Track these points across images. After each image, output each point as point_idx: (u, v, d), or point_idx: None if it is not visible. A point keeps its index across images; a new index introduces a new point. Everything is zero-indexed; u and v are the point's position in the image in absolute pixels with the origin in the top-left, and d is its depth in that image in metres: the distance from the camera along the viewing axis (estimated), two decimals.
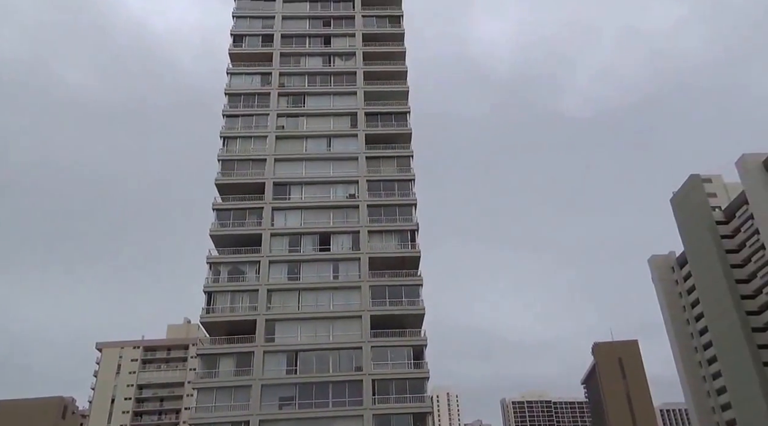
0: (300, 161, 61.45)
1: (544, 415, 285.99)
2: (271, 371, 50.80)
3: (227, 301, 54.15)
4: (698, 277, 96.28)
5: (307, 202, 58.95)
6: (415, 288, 55.17)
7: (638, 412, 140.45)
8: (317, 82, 66.73)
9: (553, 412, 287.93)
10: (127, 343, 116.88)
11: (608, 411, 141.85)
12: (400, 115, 64.93)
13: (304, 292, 54.54)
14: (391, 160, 61.98)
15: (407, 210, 58.94)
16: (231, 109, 64.38)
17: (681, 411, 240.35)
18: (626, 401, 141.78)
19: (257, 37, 69.77)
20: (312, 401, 49.62)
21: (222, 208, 58.53)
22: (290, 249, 56.57)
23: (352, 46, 69.15)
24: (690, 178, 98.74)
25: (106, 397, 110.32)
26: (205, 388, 50.23)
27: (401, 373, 50.95)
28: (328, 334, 52.69)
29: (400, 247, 57.05)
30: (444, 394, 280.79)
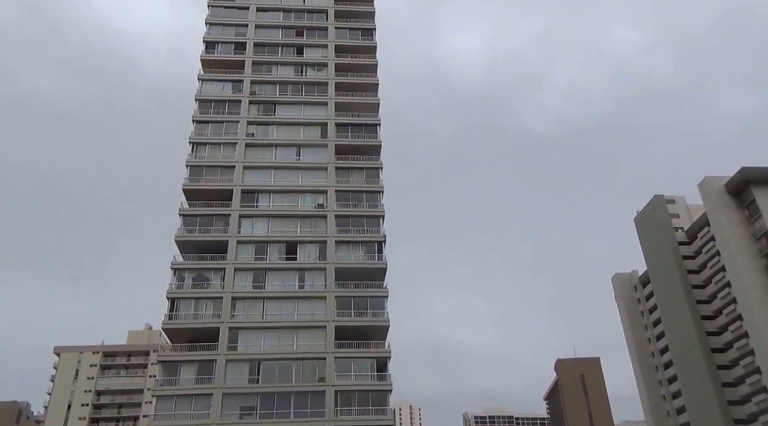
0: (269, 169, 61.35)
1: None
2: (232, 380, 50.21)
3: (191, 308, 53.48)
4: (660, 297, 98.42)
5: (275, 210, 58.80)
6: (380, 299, 55.32)
7: None
8: (288, 92, 66.90)
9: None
10: (86, 348, 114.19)
11: None
12: (371, 126, 65.45)
13: (269, 300, 54.20)
14: (361, 171, 62.33)
15: (375, 221, 59.25)
16: (201, 115, 64.04)
17: None
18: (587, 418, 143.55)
19: (230, 44, 69.74)
20: (273, 411, 49.15)
21: (189, 214, 57.98)
22: (256, 257, 56.27)
23: (325, 56, 69.63)
24: (654, 198, 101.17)
25: (62, 402, 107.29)
26: (164, 395, 49.38)
27: (364, 384, 50.87)
28: (292, 343, 52.40)
29: (366, 258, 57.22)
30: (406, 407, 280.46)
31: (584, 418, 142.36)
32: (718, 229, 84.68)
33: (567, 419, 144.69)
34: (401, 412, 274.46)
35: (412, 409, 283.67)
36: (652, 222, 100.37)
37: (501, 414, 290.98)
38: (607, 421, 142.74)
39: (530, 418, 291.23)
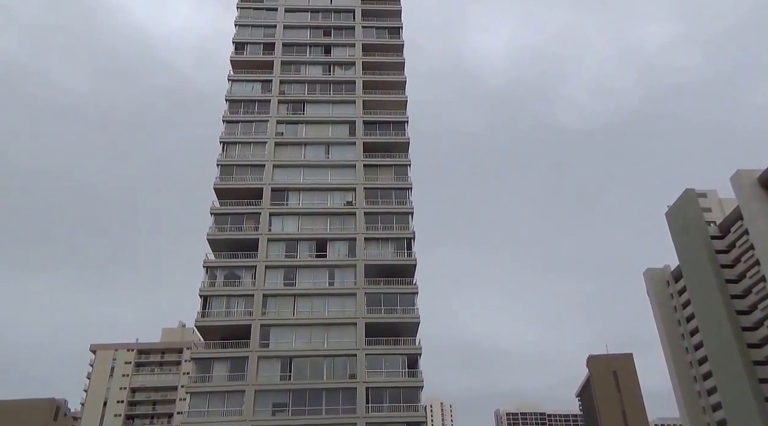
0: (298, 168, 61.89)
1: None
2: (265, 377, 50.83)
3: (223, 306, 54.28)
4: (693, 292, 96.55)
5: (305, 208, 59.30)
6: (410, 296, 55.38)
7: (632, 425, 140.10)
8: (317, 91, 67.35)
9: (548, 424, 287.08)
10: (121, 345, 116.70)
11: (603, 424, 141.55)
12: (398, 124, 65.51)
13: (300, 297, 54.72)
14: (389, 168, 62.45)
15: (404, 218, 59.32)
16: (231, 115, 64.90)
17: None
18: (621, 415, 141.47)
19: (258, 45, 70.51)
20: (305, 408, 49.59)
21: (220, 213, 58.83)
22: (287, 254, 56.82)
23: (352, 55, 69.91)
24: (685, 192, 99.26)
25: (98, 399, 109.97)
26: (198, 392, 50.23)
27: (395, 381, 51.00)
28: (322, 340, 52.78)
29: (396, 255, 57.33)
30: (437, 404, 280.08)
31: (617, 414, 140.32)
32: (752, 223, 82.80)
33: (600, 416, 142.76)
34: (432, 409, 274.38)
35: (443, 406, 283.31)
36: (684, 216, 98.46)
37: (533, 411, 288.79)
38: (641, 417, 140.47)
39: (562, 415, 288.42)
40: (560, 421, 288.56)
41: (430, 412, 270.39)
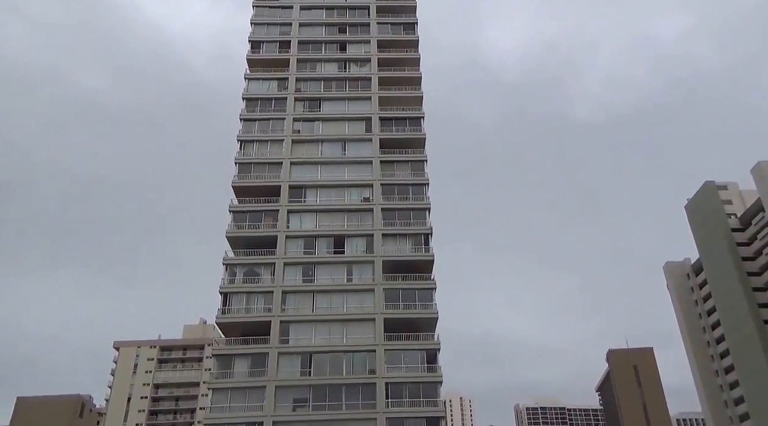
0: (315, 165, 62.25)
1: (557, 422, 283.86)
2: (285, 372, 51.36)
3: (243, 302, 54.89)
4: (714, 285, 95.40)
5: (322, 205, 59.67)
6: (428, 291, 55.53)
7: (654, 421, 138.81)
8: (333, 88, 67.58)
9: (567, 418, 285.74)
10: (143, 342, 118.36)
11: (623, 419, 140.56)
12: (414, 120, 65.52)
13: (319, 294, 55.14)
14: (406, 164, 62.55)
15: (421, 214, 59.42)
16: (248, 114, 65.41)
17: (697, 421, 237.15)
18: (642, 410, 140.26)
19: (274, 43, 70.89)
20: (325, 403, 50.02)
21: (238, 210, 59.44)
22: (305, 251, 57.26)
23: (367, 52, 70.01)
24: (704, 184, 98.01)
25: (122, 395, 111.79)
26: (220, 388, 50.93)
27: (414, 376, 51.22)
28: (341, 336, 53.15)
29: (413, 250, 57.49)
30: (457, 399, 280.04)
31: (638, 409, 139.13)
32: None
33: (620, 410, 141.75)
34: (452, 404, 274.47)
35: (462, 401, 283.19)
36: (704, 209, 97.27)
37: (552, 405, 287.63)
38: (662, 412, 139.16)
39: (582, 409, 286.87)
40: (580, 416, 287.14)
41: (449, 407, 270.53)
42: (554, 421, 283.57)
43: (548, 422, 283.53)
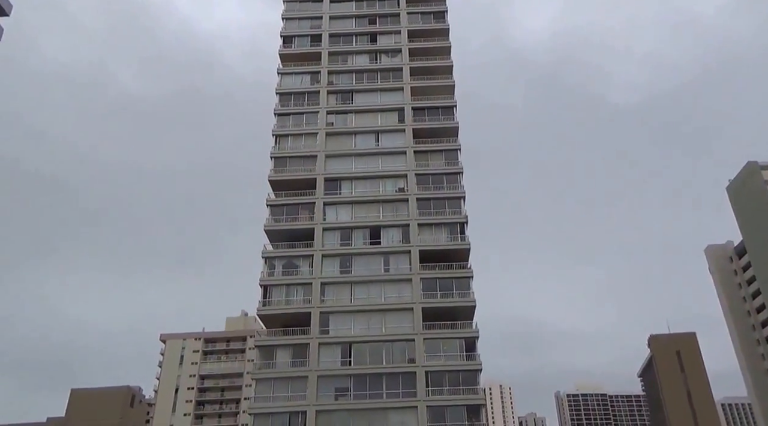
0: (349, 157, 62.73)
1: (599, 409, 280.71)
2: (326, 363, 52.22)
3: (282, 294, 55.90)
4: (758, 267, 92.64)
5: (358, 196, 60.16)
6: (465, 280, 55.59)
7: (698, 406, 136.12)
8: (365, 79, 67.83)
9: (609, 405, 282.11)
10: (188, 335, 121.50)
11: (667, 405, 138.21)
12: (447, 109, 65.32)
13: (357, 284, 55.76)
14: (439, 153, 62.51)
15: (456, 203, 59.40)
16: (282, 108, 66.23)
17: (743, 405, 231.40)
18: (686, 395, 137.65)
19: (306, 37, 71.42)
20: (366, 392, 50.69)
21: (275, 204, 60.42)
22: (342, 243, 57.91)
23: (398, 42, 69.95)
24: (747, 165, 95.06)
25: (170, 386, 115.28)
26: (263, 378, 52.09)
27: (454, 365, 51.46)
28: (380, 326, 53.73)
29: (449, 239, 57.57)
30: (497, 387, 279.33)
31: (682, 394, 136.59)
32: None
33: (663, 396, 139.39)
34: (492, 392, 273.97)
35: (502, 388, 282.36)
36: (747, 190, 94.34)
37: (594, 392, 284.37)
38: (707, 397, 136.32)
39: (624, 395, 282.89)
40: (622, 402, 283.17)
41: (489, 395, 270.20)
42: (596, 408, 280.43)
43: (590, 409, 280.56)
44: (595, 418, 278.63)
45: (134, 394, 69.57)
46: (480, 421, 49.87)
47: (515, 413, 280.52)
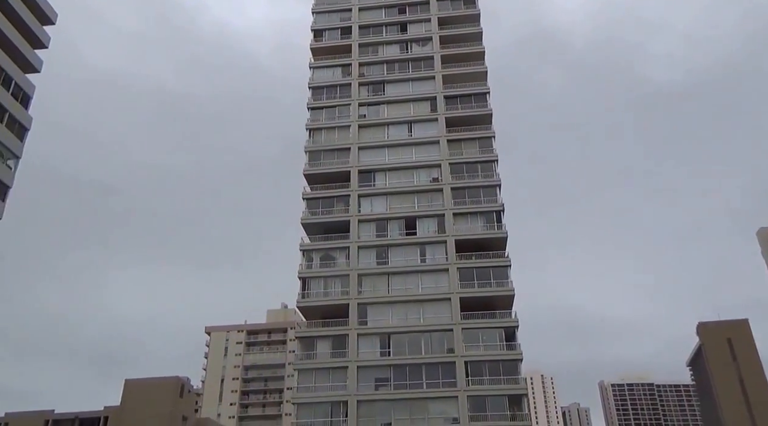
0: (383, 148, 62.72)
1: (646, 398, 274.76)
2: (365, 353, 52.66)
3: (321, 286, 56.53)
4: None
5: (392, 187, 60.16)
6: (503, 269, 55.07)
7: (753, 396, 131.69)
8: (396, 70, 67.56)
9: (656, 395, 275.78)
10: (232, 327, 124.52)
11: (718, 395, 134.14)
12: (480, 96, 64.52)
13: (393, 275, 55.90)
14: (473, 141, 61.88)
15: (491, 191, 58.76)
16: (315, 102, 66.61)
17: None
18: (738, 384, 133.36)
19: (336, 30, 71.54)
20: (406, 382, 50.92)
21: (311, 197, 60.98)
22: (377, 234, 58.08)
23: (428, 31, 69.35)
24: None
25: (216, 377, 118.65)
26: (304, 369, 52.93)
27: (494, 354, 51.15)
28: (418, 316, 53.78)
29: (486, 228, 57.04)
30: (538, 377, 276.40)
31: (734, 384, 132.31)
32: None
33: (715, 386, 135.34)
34: (533, 382, 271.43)
35: (544, 378, 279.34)
36: None
37: (640, 381, 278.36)
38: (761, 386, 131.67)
39: (673, 385, 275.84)
40: (671, 392, 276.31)
41: (530, 384, 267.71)
42: (643, 398, 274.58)
43: (636, 399, 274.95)
44: (642, 408, 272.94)
45: (183, 384, 71.62)
46: (522, 410, 49.50)
47: (558, 403, 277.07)
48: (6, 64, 44.70)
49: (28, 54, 47.44)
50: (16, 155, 44.80)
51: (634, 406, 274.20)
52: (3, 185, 43.04)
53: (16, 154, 44.85)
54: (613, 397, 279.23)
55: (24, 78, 46.83)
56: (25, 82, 46.80)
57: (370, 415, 50.13)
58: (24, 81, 46.73)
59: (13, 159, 44.55)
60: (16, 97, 45.55)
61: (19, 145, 45.18)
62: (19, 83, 45.92)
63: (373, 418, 49.97)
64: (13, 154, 44.55)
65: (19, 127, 45.52)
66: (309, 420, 50.86)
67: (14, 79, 45.47)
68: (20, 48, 46.37)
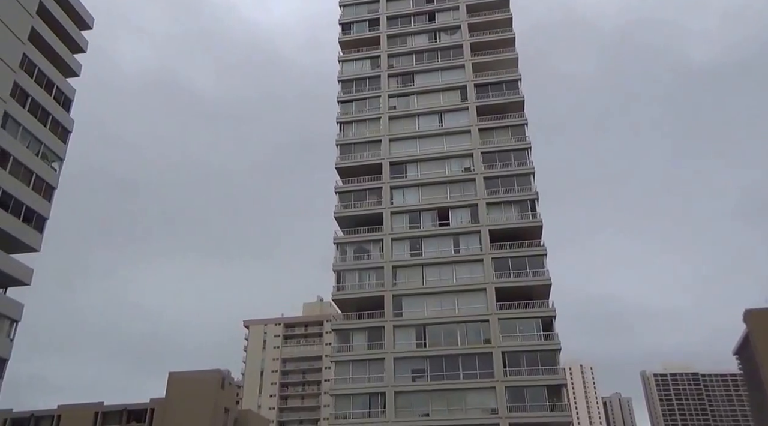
0: (413, 139, 62.51)
1: (691, 388, 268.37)
2: (401, 345, 52.81)
3: (355, 279, 56.87)
4: None
5: (424, 178, 59.96)
6: (539, 258, 54.40)
7: None
8: (425, 60, 67.12)
9: (702, 384, 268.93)
10: (269, 320, 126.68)
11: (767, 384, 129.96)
12: (511, 83, 63.58)
13: (427, 267, 55.82)
14: (505, 130, 61.13)
15: (525, 179, 58.00)
16: (344, 96, 66.77)
17: None
18: None
19: (364, 22, 71.40)
20: (443, 373, 50.90)
21: (343, 191, 61.29)
22: (410, 225, 58.05)
23: (457, 19, 68.60)
24: None
25: (255, 369, 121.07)
26: (341, 361, 53.45)
27: (531, 344, 50.66)
28: (453, 307, 53.62)
29: (520, 217, 56.39)
30: (577, 367, 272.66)
31: None
32: None
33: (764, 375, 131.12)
34: (572, 372, 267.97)
35: (583, 368, 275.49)
36: None
37: (684, 371, 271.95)
38: None
39: (719, 375, 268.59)
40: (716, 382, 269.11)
41: (569, 374, 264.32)
42: (687, 388, 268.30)
43: (680, 389, 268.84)
44: (686, 398, 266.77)
45: (224, 377, 73.46)
46: (561, 401, 48.97)
47: (598, 394, 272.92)
48: (48, 69, 46.18)
49: (68, 59, 48.90)
50: (59, 157, 46.32)
51: (678, 397, 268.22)
52: (49, 186, 44.55)
53: (60, 156, 46.36)
54: (656, 387, 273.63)
55: (65, 82, 48.29)
56: (66, 86, 48.26)
57: (408, 406, 50.34)
58: (65, 85, 48.19)
59: (57, 161, 46.06)
60: (58, 100, 47.02)
61: (62, 147, 46.69)
62: (60, 87, 47.38)
63: (411, 409, 50.16)
64: (57, 156, 46.06)
65: (61, 130, 47.01)
66: (347, 411, 51.40)
67: (56, 84, 46.92)
68: (60, 53, 47.85)
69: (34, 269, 42.59)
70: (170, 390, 70.85)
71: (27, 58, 43.93)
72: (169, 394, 70.69)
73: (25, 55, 43.71)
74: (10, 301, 40.80)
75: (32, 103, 43.91)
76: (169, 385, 71.22)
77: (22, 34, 43.54)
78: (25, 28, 43.92)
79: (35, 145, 43.75)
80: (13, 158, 41.15)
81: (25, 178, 42.18)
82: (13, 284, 41.97)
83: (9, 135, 41.26)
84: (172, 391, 70.61)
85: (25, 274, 41.95)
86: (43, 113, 44.99)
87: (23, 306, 41.63)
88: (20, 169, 41.78)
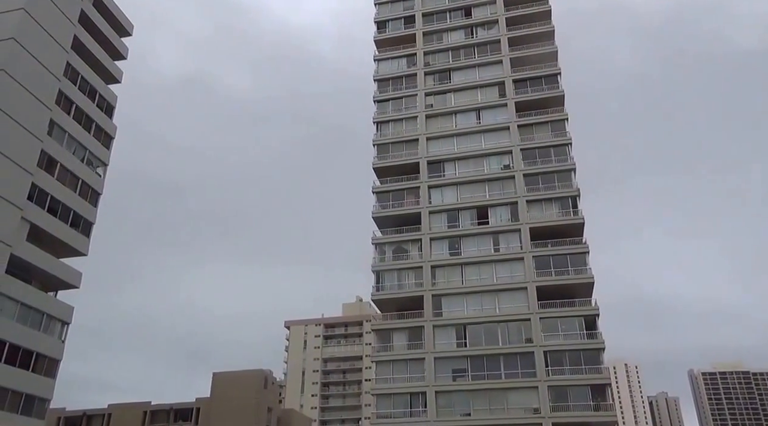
0: (451, 137, 61.87)
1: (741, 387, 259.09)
2: (441, 344, 52.41)
3: (395, 279, 56.67)
4: None
5: (462, 177, 59.30)
6: (581, 256, 53.16)
7: None
8: (461, 56, 66.30)
9: (753, 383, 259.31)
10: (310, 321, 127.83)
11: None
12: (550, 77, 62.24)
13: (467, 266, 55.20)
14: (545, 125, 59.90)
15: (566, 175, 56.73)
16: (381, 95, 66.55)
17: None
18: None
19: (399, 20, 71.01)
20: (484, 373, 50.33)
21: (381, 191, 61.13)
22: (449, 225, 57.49)
23: (494, 13, 67.51)
24: None
25: (297, 369, 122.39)
26: (381, 361, 53.38)
27: (574, 344, 49.61)
28: (494, 306, 52.91)
29: (561, 214, 55.20)
30: (621, 366, 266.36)
31: None
32: None
33: None
34: (617, 371, 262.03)
35: (628, 367, 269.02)
36: None
37: (734, 370, 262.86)
38: None
39: None
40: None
41: (614, 374, 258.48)
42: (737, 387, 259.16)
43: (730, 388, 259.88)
44: (736, 397, 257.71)
45: (266, 377, 74.58)
46: (606, 401, 47.76)
47: (644, 393, 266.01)
48: (90, 77, 47.45)
49: (110, 66, 50.17)
50: (104, 163, 47.57)
51: (728, 396, 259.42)
52: (94, 192, 45.83)
53: (104, 161, 47.61)
54: (705, 386, 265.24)
55: (107, 89, 49.56)
56: (108, 92, 49.53)
57: (449, 405, 49.96)
58: (107, 92, 49.46)
59: (101, 166, 47.33)
60: (101, 107, 48.30)
61: (106, 153, 47.94)
62: (103, 95, 48.66)
63: (452, 409, 49.77)
64: (101, 162, 47.32)
65: (105, 136, 48.29)
66: (389, 410, 51.29)
67: (98, 91, 48.21)
68: (102, 61, 49.12)
69: (82, 273, 43.87)
70: (215, 389, 72.25)
71: (70, 66, 45.23)
72: (213, 393, 72.11)
73: (69, 63, 45.00)
74: (60, 304, 42.14)
75: (76, 110, 45.22)
76: (214, 384, 72.66)
77: (65, 42, 44.82)
78: (67, 36, 45.20)
79: (80, 151, 45.05)
80: (60, 165, 42.47)
81: (72, 184, 43.48)
82: (64, 288, 43.36)
83: (56, 142, 42.59)
84: (217, 391, 71.98)
85: (74, 278, 43.27)
86: (87, 120, 46.28)
87: (73, 308, 42.95)
88: (67, 175, 43.10)
